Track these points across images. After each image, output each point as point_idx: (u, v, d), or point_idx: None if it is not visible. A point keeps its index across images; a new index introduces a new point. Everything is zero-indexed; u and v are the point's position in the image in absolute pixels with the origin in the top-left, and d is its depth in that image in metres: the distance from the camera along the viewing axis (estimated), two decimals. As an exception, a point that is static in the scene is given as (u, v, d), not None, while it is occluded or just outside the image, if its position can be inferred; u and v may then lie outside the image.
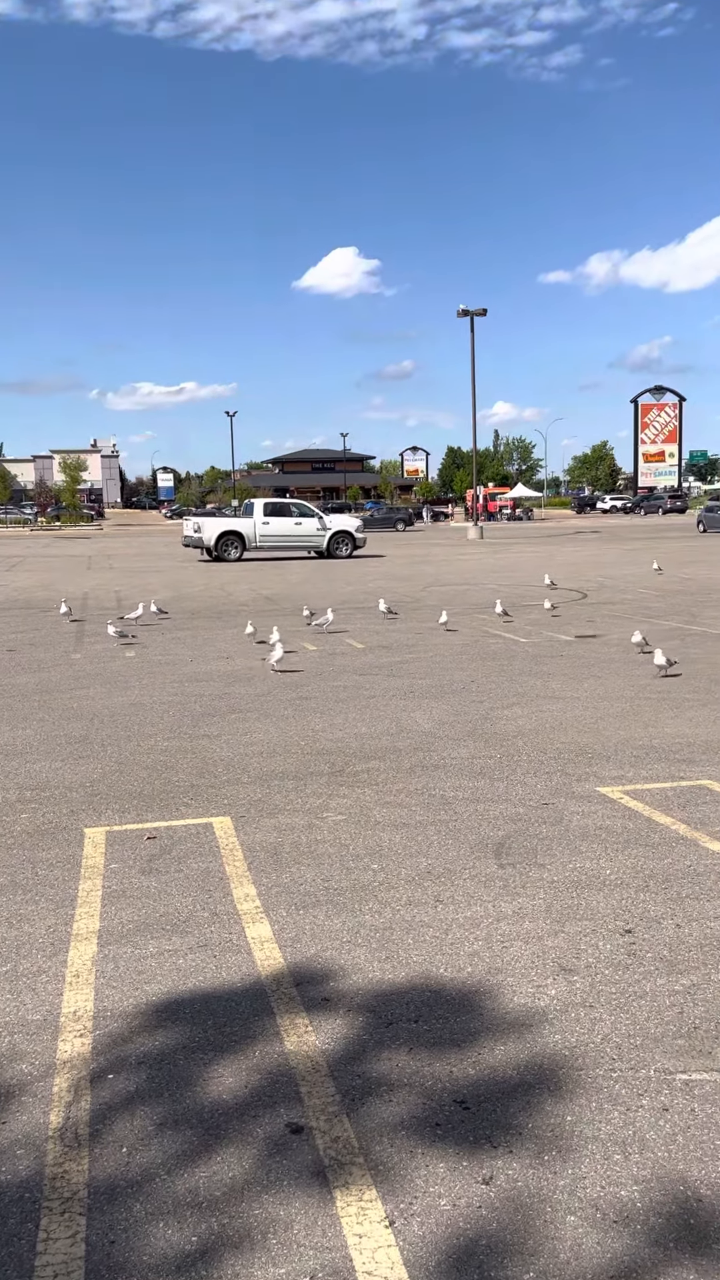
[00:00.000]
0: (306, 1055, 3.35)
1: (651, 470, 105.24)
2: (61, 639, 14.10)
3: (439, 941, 4.19)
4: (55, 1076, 3.26)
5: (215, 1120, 3.02)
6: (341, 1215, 2.60)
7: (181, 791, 6.49)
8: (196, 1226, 2.58)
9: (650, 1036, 3.42)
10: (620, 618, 15.31)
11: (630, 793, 6.24)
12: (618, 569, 25.74)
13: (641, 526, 57.80)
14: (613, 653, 11.82)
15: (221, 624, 15.36)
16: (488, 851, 5.25)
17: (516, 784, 6.50)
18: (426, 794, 6.32)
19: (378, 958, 4.05)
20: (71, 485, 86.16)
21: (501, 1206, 2.62)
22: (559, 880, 4.83)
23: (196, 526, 33.10)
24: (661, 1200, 2.63)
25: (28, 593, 22.04)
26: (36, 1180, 2.77)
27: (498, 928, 4.31)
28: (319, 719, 8.55)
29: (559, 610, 16.06)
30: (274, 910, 4.54)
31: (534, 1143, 2.88)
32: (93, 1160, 2.85)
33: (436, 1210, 2.61)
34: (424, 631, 14.16)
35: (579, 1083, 3.17)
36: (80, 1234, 2.56)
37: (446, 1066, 3.27)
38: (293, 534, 32.74)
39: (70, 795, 6.44)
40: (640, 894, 4.65)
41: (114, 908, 4.62)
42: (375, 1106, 3.06)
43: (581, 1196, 2.65)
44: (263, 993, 3.79)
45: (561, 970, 3.91)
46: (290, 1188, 2.71)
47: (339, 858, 5.20)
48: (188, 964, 4.04)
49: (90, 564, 32.75)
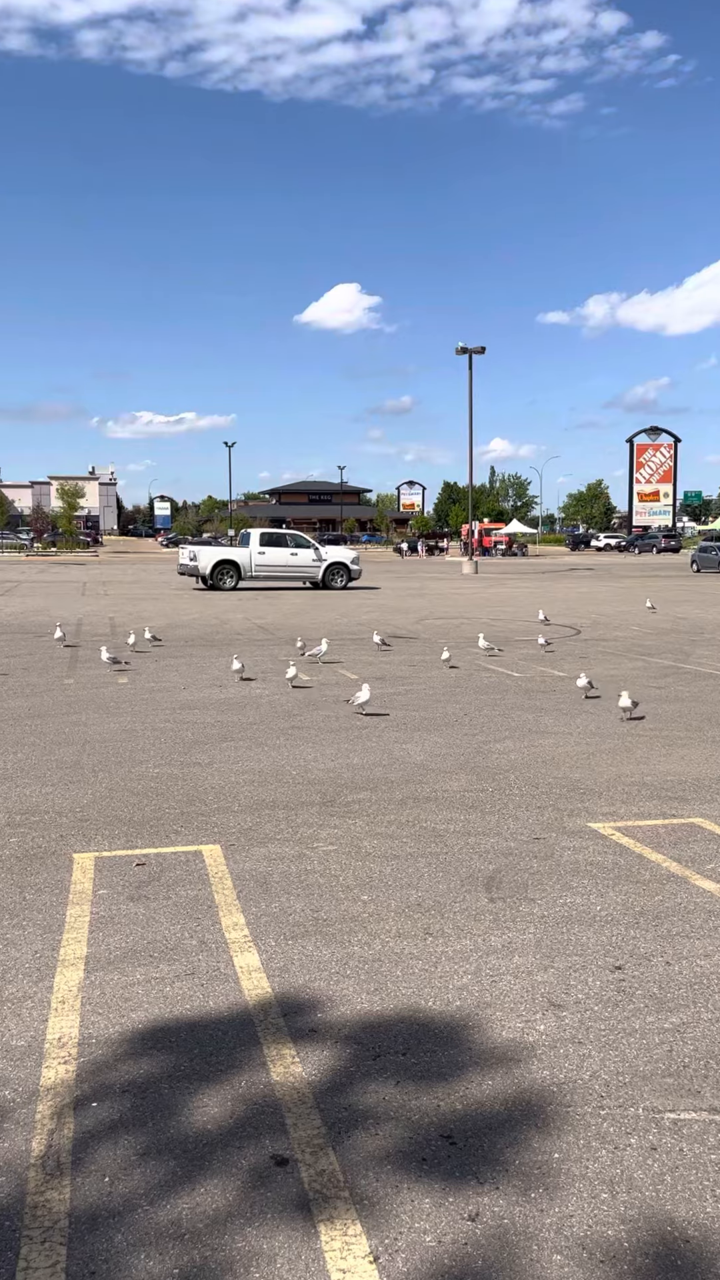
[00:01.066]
0: (292, 1086, 3.32)
1: (646, 509, 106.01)
2: (55, 664, 14.08)
3: (428, 974, 4.16)
4: (38, 1103, 3.23)
5: (199, 1150, 2.99)
6: (325, 1249, 2.57)
7: (172, 819, 6.46)
8: (179, 1258, 2.54)
9: (639, 1074, 3.40)
10: (613, 654, 15.36)
11: (622, 829, 6.24)
12: (611, 606, 25.85)
13: (635, 565, 58.11)
14: (604, 689, 11.85)
15: (215, 652, 15.37)
16: (478, 885, 5.23)
17: (508, 818, 6.49)
18: (418, 826, 6.31)
19: (366, 989, 4.02)
20: (69, 512, 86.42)
21: (487, 1244, 2.59)
22: (549, 915, 4.82)
23: (192, 555, 33.16)
24: (649, 1240, 2.60)
25: (22, 617, 22.03)
26: (17, 1208, 2.73)
27: (487, 961, 4.29)
28: (311, 749, 8.54)
29: (553, 646, 16.10)
30: (262, 939, 4.51)
31: (521, 1179, 2.85)
32: (74, 1189, 2.81)
33: (421, 1246, 2.58)
34: (418, 664, 14.18)
35: (567, 1119, 3.14)
36: (60, 1264, 2.52)
37: (433, 1100, 3.24)
38: (288, 564, 32.82)
39: (60, 820, 6.41)
40: (630, 930, 4.64)
41: (101, 934, 4.58)
42: (361, 1139, 3.04)
43: (568, 1235, 2.63)
44: (250, 1022, 3.76)
45: (551, 1005, 3.89)
46: (274, 1220, 2.68)
47: (329, 888, 5.17)
48: (175, 992, 4.01)
49: (85, 590, 32.76)
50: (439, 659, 14.18)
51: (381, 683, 12.40)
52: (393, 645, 16.07)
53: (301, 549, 33.24)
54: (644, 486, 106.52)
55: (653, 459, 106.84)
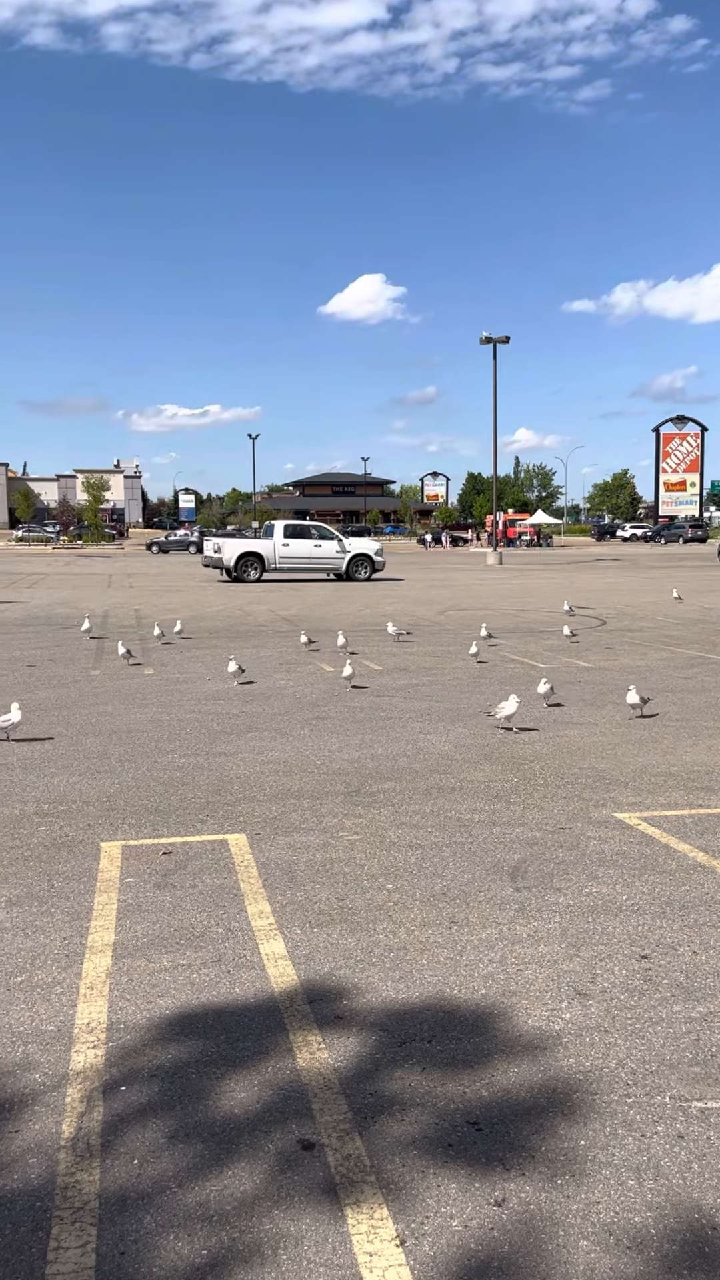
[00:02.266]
0: (319, 1072, 3.34)
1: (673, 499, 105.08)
2: (81, 655, 14.19)
3: (453, 963, 4.17)
4: (68, 1087, 3.27)
5: (227, 1134, 3.02)
6: (352, 1233, 2.58)
7: (197, 808, 6.50)
8: (207, 1240, 2.57)
9: (666, 1063, 3.39)
10: (640, 645, 15.26)
11: (648, 819, 6.21)
12: (637, 596, 25.67)
13: (661, 555, 57.66)
14: (631, 680, 11.78)
15: (239, 644, 15.42)
16: (503, 874, 5.23)
17: (533, 808, 6.48)
18: (442, 815, 6.31)
19: (391, 977, 4.03)
20: (94, 505, 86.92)
21: (514, 1229, 2.60)
22: (575, 905, 4.81)
23: (217, 547, 33.29)
24: (676, 1227, 2.60)
25: (49, 609, 22.22)
26: (48, 1189, 2.77)
27: (513, 950, 4.29)
28: (335, 739, 8.56)
29: (578, 636, 16.02)
30: (288, 927, 4.53)
31: (547, 1166, 2.86)
32: (104, 1171, 2.85)
33: (448, 1231, 2.59)
34: (442, 655, 14.16)
35: (593, 1107, 3.14)
36: (91, 1244, 2.55)
37: (459, 1087, 3.25)
38: (312, 556, 32.86)
39: (87, 809, 6.47)
40: (657, 920, 4.62)
41: (129, 921, 4.62)
42: (387, 1125, 3.05)
43: (595, 1221, 2.63)
44: (276, 1009, 3.78)
45: (577, 994, 3.89)
46: (301, 1204, 2.70)
47: (354, 877, 5.19)
48: (201, 978, 4.04)
49: (111, 582, 32.98)
50: (462, 650, 14.15)
51: (405, 673, 12.39)
52: (413, 636, 16.04)
53: (325, 540, 33.26)
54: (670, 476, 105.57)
55: (679, 448, 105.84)
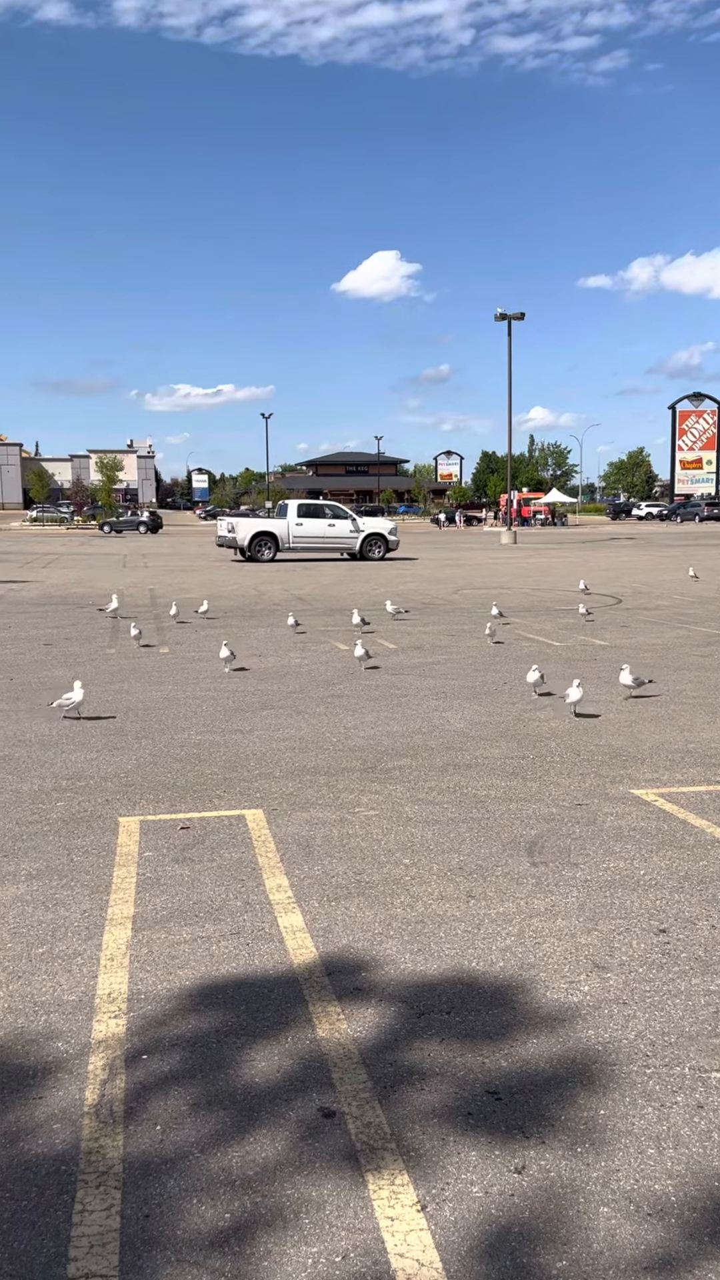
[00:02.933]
0: (339, 1042, 3.37)
1: (689, 477, 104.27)
2: (97, 634, 14.23)
3: (471, 936, 4.18)
4: (91, 1055, 3.30)
5: (248, 1102, 3.04)
6: (373, 1198, 2.61)
7: (214, 784, 6.53)
8: (230, 1204, 2.60)
9: (685, 1034, 3.39)
10: (655, 623, 15.19)
11: (665, 795, 6.20)
12: (653, 575, 25.53)
13: (677, 534, 57.28)
14: (647, 658, 11.74)
15: (254, 623, 15.43)
16: (520, 850, 5.23)
17: (550, 784, 6.47)
18: (459, 792, 6.31)
19: (409, 950, 4.05)
20: (108, 485, 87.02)
21: (534, 1195, 2.61)
22: (592, 879, 4.81)
23: (230, 527, 33.27)
24: (696, 1195, 2.61)
25: (64, 589, 22.28)
26: (72, 1154, 2.80)
27: (530, 924, 4.30)
28: (351, 716, 8.57)
29: (593, 615, 15.96)
30: (306, 901, 4.55)
31: (567, 1134, 2.87)
32: (128, 1137, 2.88)
33: (468, 1196, 2.61)
34: (456, 634, 14.13)
35: (612, 1077, 3.15)
36: (115, 1207, 2.58)
37: (479, 1058, 3.27)
38: (326, 535, 32.79)
39: (105, 785, 6.51)
40: (675, 895, 4.62)
41: (148, 894, 4.66)
42: (407, 1094, 3.07)
43: (615, 1189, 2.64)
44: (295, 981, 3.81)
45: (595, 967, 3.89)
46: (322, 1170, 2.72)
47: (371, 852, 5.21)
48: (220, 950, 4.07)
49: (125, 563, 33.03)
50: (477, 628, 14.12)
51: (420, 651, 12.38)
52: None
53: (339, 520, 33.18)
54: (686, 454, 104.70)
55: (695, 425, 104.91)
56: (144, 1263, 2.40)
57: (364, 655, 10.81)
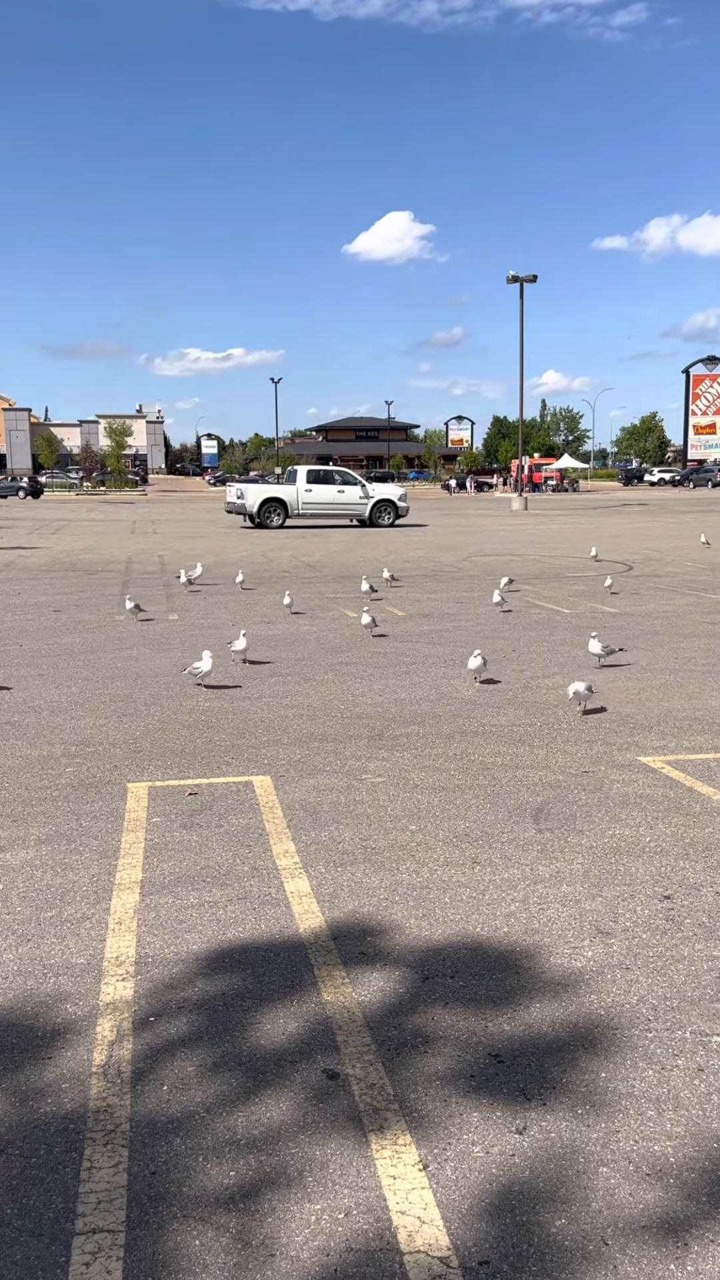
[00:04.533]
0: (344, 1006, 3.41)
1: (702, 443, 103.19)
2: (106, 601, 14.26)
3: (476, 901, 4.21)
4: (99, 1017, 3.35)
5: (254, 1064, 3.09)
6: (376, 1158, 2.65)
7: (222, 750, 6.56)
8: (235, 1163, 2.64)
9: (687, 999, 3.42)
10: (665, 590, 15.12)
11: (672, 763, 6.20)
12: (664, 542, 25.37)
13: (690, 499, 56.84)
14: (657, 625, 11.70)
15: (263, 590, 15.43)
16: (526, 816, 5.26)
17: (557, 752, 6.48)
18: (465, 759, 6.33)
19: (415, 915, 4.09)
20: (117, 450, 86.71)
21: (535, 1156, 2.65)
22: (598, 846, 4.83)
23: (240, 493, 33.13)
24: (695, 1156, 2.64)
25: (73, 555, 22.30)
26: (80, 1114, 2.85)
27: (535, 890, 4.32)
28: (358, 684, 8.58)
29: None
30: (312, 866, 4.59)
31: (568, 1097, 2.91)
32: (135, 1097, 2.93)
33: (470, 1156, 2.65)
34: (465, 601, 14.10)
35: (614, 1041, 3.19)
36: (123, 1164, 2.64)
37: (482, 1021, 3.30)
38: (335, 502, 32.65)
39: (114, 751, 6.55)
40: (680, 861, 4.63)
41: (155, 859, 4.70)
42: (411, 1057, 3.11)
43: (615, 1150, 2.68)
44: (301, 945, 3.85)
45: (599, 933, 3.92)
46: (326, 1130, 2.77)
47: (377, 818, 5.23)
48: (227, 915, 4.11)
49: (134, 529, 33.00)
50: (486, 596, 14.08)
51: (429, 619, 12.36)
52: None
53: (349, 486, 33.01)
54: (700, 419, 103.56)
55: (710, 390, 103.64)
56: (150, 1218, 2.45)
57: (371, 623, 10.79)
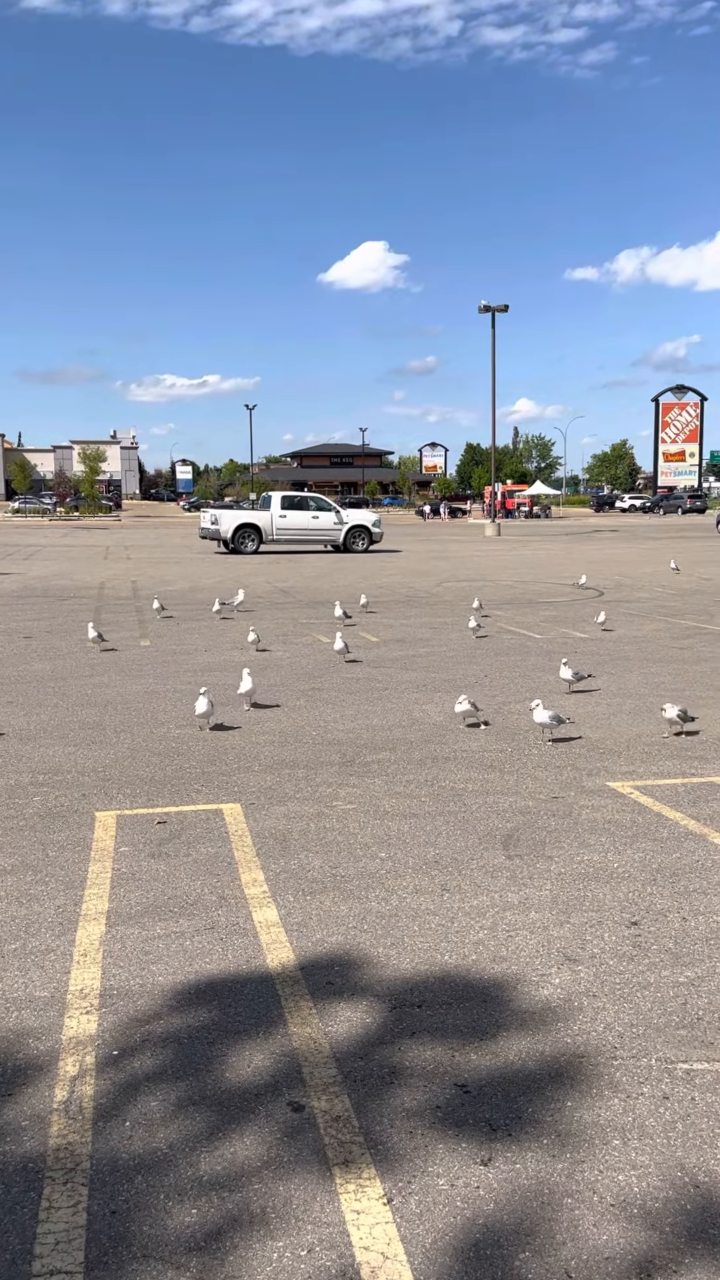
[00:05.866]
0: (311, 1038, 3.38)
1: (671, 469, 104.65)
2: (78, 627, 14.17)
3: (445, 929, 4.20)
4: (61, 1052, 3.30)
5: (218, 1098, 3.05)
6: (340, 1193, 2.62)
7: (192, 778, 6.52)
8: (196, 1200, 2.60)
9: (653, 1026, 3.42)
10: (637, 616, 15.26)
11: (641, 788, 6.23)
12: (635, 567, 25.63)
13: (660, 526, 57.50)
14: (627, 650, 11.79)
15: (238, 615, 15.40)
16: (496, 843, 5.26)
17: (527, 777, 6.50)
18: (436, 785, 6.33)
19: (383, 944, 4.07)
20: (90, 476, 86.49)
21: (499, 1188, 2.63)
22: (566, 872, 4.84)
23: (214, 519, 33.16)
24: (660, 1186, 2.64)
25: (45, 581, 22.17)
26: (40, 1152, 2.80)
27: (504, 917, 4.32)
28: (330, 709, 8.57)
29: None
30: (281, 895, 4.56)
31: (533, 1127, 2.89)
32: (96, 1135, 2.88)
33: (434, 1189, 2.63)
34: (439, 626, 14.15)
35: (580, 1070, 3.18)
36: (82, 1204, 2.59)
37: (450, 1052, 3.29)
38: (310, 527, 32.75)
39: (82, 779, 6.49)
40: (647, 887, 4.65)
41: (123, 889, 4.65)
42: (378, 1089, 3.08)
43: (580, 1181, 2.66)
44: (269, 977, 3.82)
45: (566, 960, 3.92)
46: (290, 1165, 2.74)
47: (347, 846, 5.22)
48: (194, 946, 4.07)
49: (108, 554, 32.89)
50: (460, 621, 14.14)
51: (402, 644, 12.39)
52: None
53: (323, 512, 33.14)
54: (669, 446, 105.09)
55: (679, 418, 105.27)
56: (110, 1259, 2.40)
57: (343, 649, 10.80)
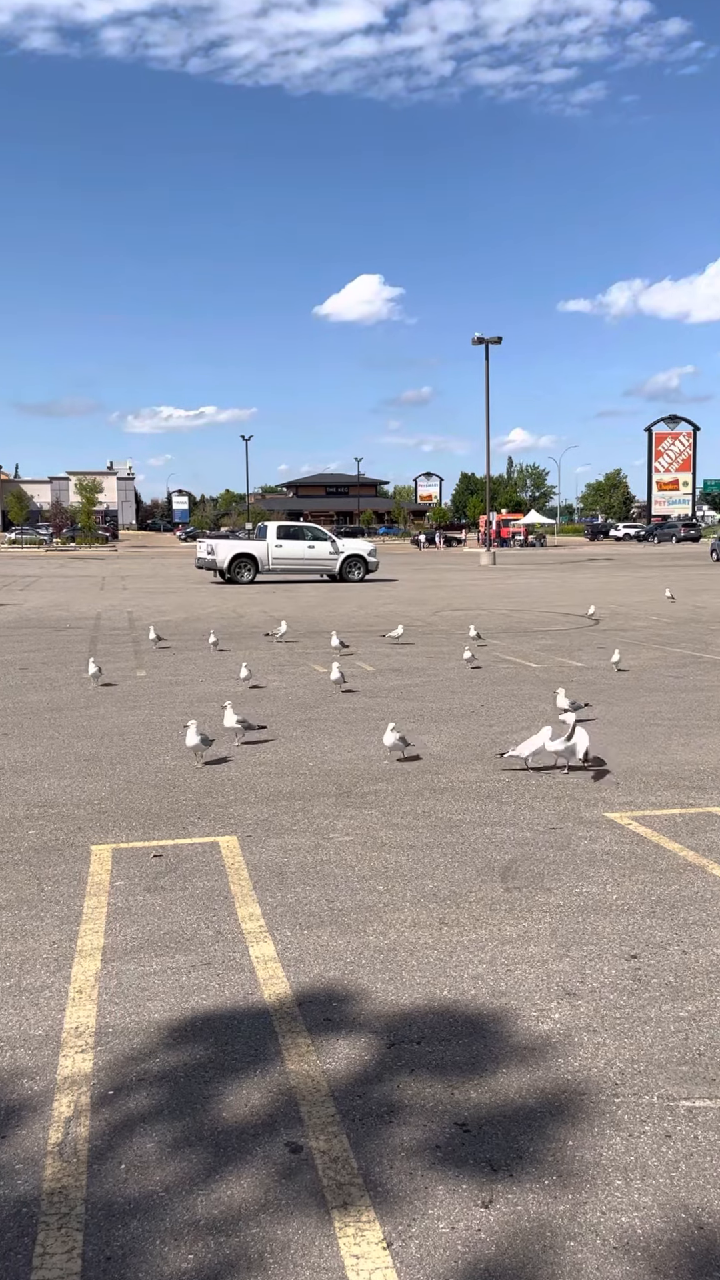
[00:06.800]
0: (308, 1075, 3.34)
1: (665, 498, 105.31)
2: (74, 658, 14.15)
3: (443, 964, 4.17)
4: (56, 1092, 3.25)
5: (215, 1138, 3.01)
6: (339, 1236, 2.58)
7: (189, 810, 6.49)
8: (193, 1244, 2.56)
9: (654, 1062, 3.39)
10: (633, 644, 15.28)
11: (639, 819, 6.21)
12: (630, 596, 25.70)
13: (654, 554, 57.74)
14: (623, 679, 11.80)
15: (233, 645, 15.40)
16: (494, 875, 5.23)
17: (524, 808, 6.48)
18: (434, 816, 6.30)
19: (381, 979, 4.03)
20: (87, 507, 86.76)
21: (500, 1230, 2.59)
22: (565, 905, 4.81)
23: (210, 549, 33.26)
24: (663, 1227, 2.60)
25: (41, 612, 22.17)
26: (34, 1195, 2.76)
27: (502, 951, 4.29)
28: (327, 740, 8.55)
29: (570, 636, 16.04)
30: (278, 930, 4.53)
31: (535, 1167, 2.85)
32: (91, 1177, 2.84)
33: (435, 1233, 2.59)
34: (435, 656, 14.16)
35: (581, 1107, 3.14)
36: (77, 1249, 2.54)
37: (449, 1090, 3.25)
38: (305, 557, 32.84)
39: (78, 812, 6.45)
40: (647, 920, 4.62)
41: (118, 924, 4.61)
42: (376, 1128, 3.04)
43: (582, 1222, 2.63)
44: (265, 1012, 3.78)
45: (566, 994, 3.89)
46: (288, 1208, 2.69)
47: (344, 879, 5.19)
48: (191, 982, 4.03)
49: (104, 585, 32.92)
50: (456, 651, 14.14)
51: (398, 674, 12.39)
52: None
53: (318, 541, 33.25)
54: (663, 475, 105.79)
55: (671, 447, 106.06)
56: (105, 1307, 2.36)
57: (339, 679, 10.79)
